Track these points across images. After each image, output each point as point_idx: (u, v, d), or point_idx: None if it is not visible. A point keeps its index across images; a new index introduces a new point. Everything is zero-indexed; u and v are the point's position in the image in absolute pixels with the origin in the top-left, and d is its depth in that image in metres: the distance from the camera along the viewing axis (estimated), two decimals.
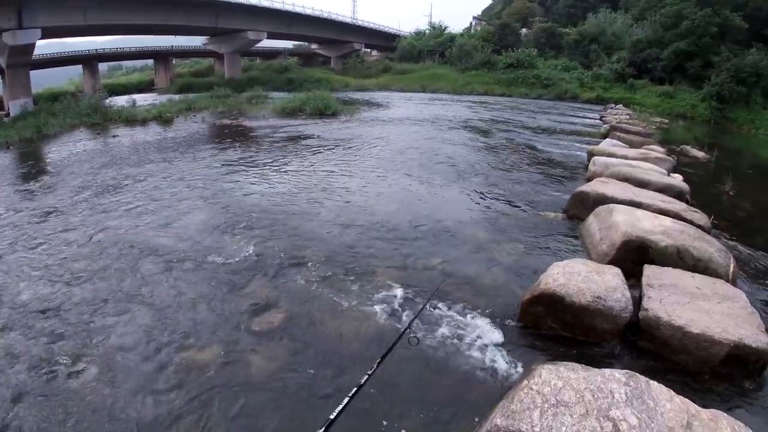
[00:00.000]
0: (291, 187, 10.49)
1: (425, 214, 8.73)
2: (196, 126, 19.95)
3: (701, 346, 4.36)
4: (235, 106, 24.53)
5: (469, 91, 43.44)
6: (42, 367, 4.59)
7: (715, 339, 4.31)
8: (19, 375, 4.45)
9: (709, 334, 4.35)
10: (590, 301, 4.70)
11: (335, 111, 23.43)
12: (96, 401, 4.08)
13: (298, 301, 5.67)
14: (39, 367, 4.59)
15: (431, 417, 3.86)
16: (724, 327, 4.41)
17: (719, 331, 4.36)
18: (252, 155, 14.08)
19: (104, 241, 7.61)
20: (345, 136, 17.43)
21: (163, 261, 6.83)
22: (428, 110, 27.10)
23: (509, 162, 13.85)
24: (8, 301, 5.79)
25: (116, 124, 19.67)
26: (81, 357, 4.73)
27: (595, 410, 3.01)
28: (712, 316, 4.58)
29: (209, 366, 4.53)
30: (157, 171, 12.05)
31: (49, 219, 8.70)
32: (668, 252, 5.92)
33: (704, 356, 4.37)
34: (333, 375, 4.39)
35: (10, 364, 4.62)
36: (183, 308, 5.56)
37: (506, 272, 6.50)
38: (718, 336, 4.31)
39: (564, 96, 42.54)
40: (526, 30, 61.06)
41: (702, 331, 4.38)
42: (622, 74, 44.68)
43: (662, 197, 8.24)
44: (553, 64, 50.39)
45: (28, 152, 15.26)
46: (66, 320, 5.38)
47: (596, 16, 56.11)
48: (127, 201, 9.57)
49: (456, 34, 61.75)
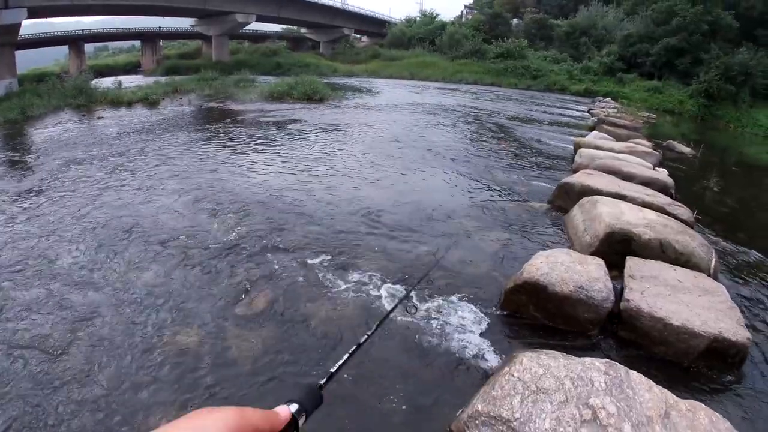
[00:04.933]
0: (277, 171, 10.43)
1: (411, 201, 8.72)
2: (182, 108, 19.75)
3: (681, 338, 4.40)
4: (222, 90, 24.30)
5: (459, 79, 43.31)
6: (17, 347, 4.55)
7: (695, 331, 4.35)
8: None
9: (690, 326, 4.38)
10: (572, 291, 4.72)
11: (323, 96, 23.33)
12: (75, 391, 4.06)
13: (281, 285, 5.66)
14: (12, 345, 4.56)
15: (413, 401, 3.87)
16: (704, 320, 4.45)
17: (699, 323, 4.40)
18: (238, 139, 13.98)
19: (84, 221, 7.54)
20: (332, 122, 17.36)
21: (143, 241, 6.78)
22: (417, 98, 27.04)
23: (496, 151, 13.85)
24: None
25: (102, 106, 19.37)
26: (59, 336, 4.71)
27: (575, 398, 3.04)
28: (693, 309, 4.62)
29: (194, 348, 4.53)
30: (141, 154, 11.93)
31: (30, 199, 8.61)
32: (651, 245, 5.95)
33: (684, 348, 4.41)
34: (314, 357, 4.40)
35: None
36: (163, 291, 5.52)
37: (490, 260, 6.52)
38: (698, 328, 4.35)
39: (553, 87, 42.65)
40: (517, 20, 61.00)
41: (682, 324, 4.41)
42: (611, 68, 44.84)
43: (647, 191, 8.28)
44: (543, 55, 50.46)
45: (13, 133, 15.01)
46: (37, 297, 5.36)
47: (588, 9, 56.14)
48: (109, 183, 9.48)
49: (447, 22, 61.49)
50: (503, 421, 2.99)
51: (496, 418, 3.03)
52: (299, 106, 21.24)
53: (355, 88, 30.27)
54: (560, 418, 2.91)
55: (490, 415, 3.07)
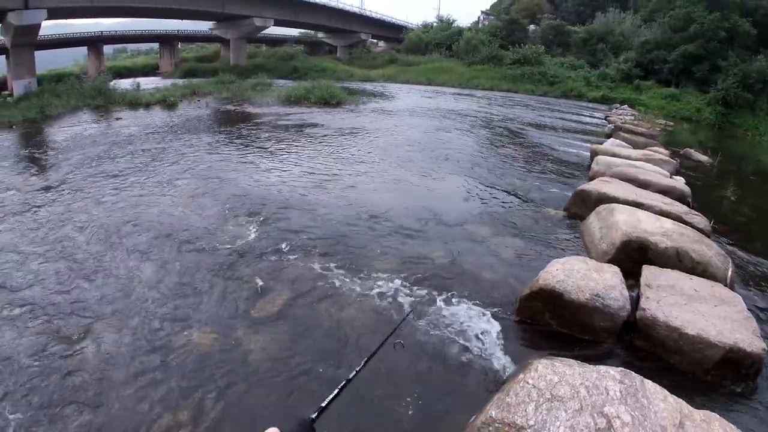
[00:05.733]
0: (294, 174, 10.50)
1: (427, 205, 8.74)
2: (199, 111, 19.90)
3: (697, 347, 4.38)
4: (239, 93, 24.43)
5: (475, 85, 43.12)
6: (38, 346, 4.63)
7: (710, 341, 4.33)
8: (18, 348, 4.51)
9: (705, 336, 4.37)
10: (588, 299, 4.72)
11: (340, 101, 23.36)
12: (87, 386, 4.13)
13: (296, 286, 5.71)
14: (37, 346, 4.64)
15: (425, 406, 3.89)
16: (720, 330, 4.43)
17: (715, 333, 4.38)
18: (256, 142, 14.08)
19: (101, 218, 7.68)
20: (349, 126, 17.40)
21: (159, 238, 6.89)
22: (433, 103, 27.03)
23: (512, 157, 13.83)
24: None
25: (120, 107, 19.55)
26: (78, 333, 4.79)
27: (590, 406, 3.04)
28: (709, 319, 4.60)
29: (209, 348, 4.58)
30: (159, 154, 12.07)
31: (48, 196, 8.74)
32: (668, 254, 5.93)
33: (699, 358, 4.39)
34: (330, 359, 4.43)
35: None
36: (178, 289, 5.61)
37: (506, 266, 6.52)
38: (713, 339, 4.34)
39: (570, 94, 42.32)
40: (534, 26, 60.72)
41: (698, 333, 4.40)
42: (628, 75, 44.40)
43: (664, 199, 8.24)
44: (560, 61, 50.02)
45: (32, 133, 15.19)
46: (57, 292, 5.45)
47: (605, 16, 55.79)
48: (127, 181, 9.62)
49: (463, 28, 61.30)
50: (517, 428, 3.00)
51: (510, 425, 3.04)
52: (316, 110, 21.32)
53: (371, 92, 30.30)
54: (574, 426, 2.91)
55: (504, 421, 3.07)
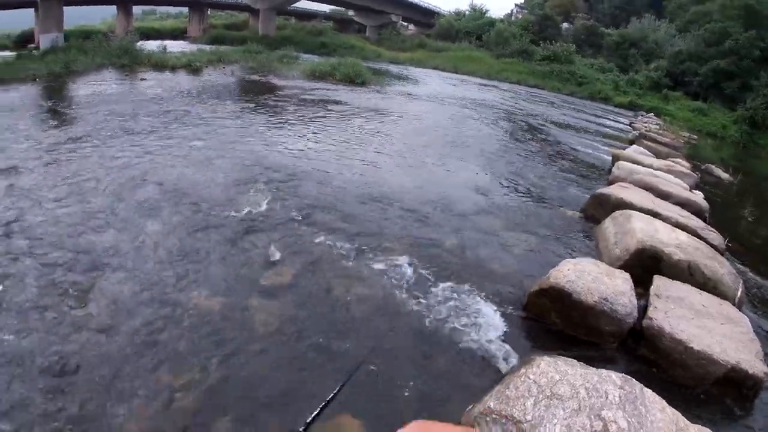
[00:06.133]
0: (313, 148, 10.51)
1: (443, 192, 8.76)
2: (224, 78, 19.85)
3: (700, 363, 4.39)
4: (265, 64, 24.31)
5: (503, 78, 42.65)
6: (44, 294, 4.71)
7: (713, 358, 4.34)
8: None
9: (709, 352, 4.37)
10: (597, 302, 4.72)
11: (365, 80, 23.24)
12: (89, 338, 4.20)
13: (307, 259, 5.77)
14: (42, 294, 4.72)
15: (425, 391, 3.94)
16: (724, 348, 4.43)
17: (719, 351, 4.38)
18: (278, 113, 14.09)
19: (118, 174, 7.76)
20: (372, 106, 17.36)
21: (175, 201, 6.95)
22: (459, 91, 26.88)
23: (533, 153, 13.78)
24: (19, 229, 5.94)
25: (145, 68, 19.47)
26: (85, 283, 4.88)
27: (588, 408, 3.06)
28: (714, 336, 4.60)
29: (216, 313, 4.64)
30: (181, 117, 12.12)
31: (67, 148, 8.84)
32: (680, 266, 5.91)
33: (701, 373, 4.40)
34: (334, 337, 4.47)
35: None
36: (191, 252, 5.66)
37: (516, 261, 6.54)
38: (717, 356, 4.34)
39: (597, 96, 41.78)
40: (567, 24, 60.23)
41: (702, 349, 4.40)
42: (657, 83, 43.88)
43: (681, 211, 8.20)
44: (590, 63, 49.49)
45: (55, 86, 15.20)
46: (68, 238, 5.54)
47: (640, 21, 55.22)
48: (147, 142, 9.67)
49: (496, 19, 60.85)
50: (514, 421, 3.03)
51: (507, 417, 3.07)
52: (341, 87, 21.23)
53: (398, 75, 30.16)
54: (571, 425, 2.93)
55: (501, 413, 3.10)
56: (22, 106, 11.92)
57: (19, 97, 12.93)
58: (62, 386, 3.63)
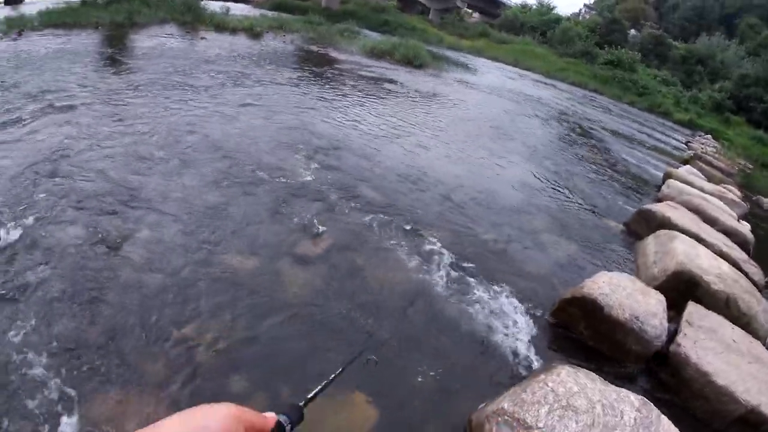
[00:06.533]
0: (364, 125, 10.52)
1: (488, 186, 8.71)
2: (283, 45, 19.85)
3: (721, 399, 4.31)
4: (326, 36, 24.34)
5: (562, 77, 41.68)
6: (83, 236, 4.85)
7: (735, 396, 4.25)
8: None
9: (732, 390, 4.28)
10: (627, 319, 4.65)
11: (423, 63, 22.99)
12: (121, 283, 4.33)
13: (344, 233, 5.82)
14: (81, 235, 4.85)
15: (442, 381, 3.96)
16: (747, 388, 4.34)
17: (742, 390, 4.29)
18: (333, 86, 14.08)
19: (169, 127, 7.90)
20: (428, 90, 17.21)
21: (223, 161, 7.04)
22: (516, 86, 26.48)
23: (583, 159, 13.54)
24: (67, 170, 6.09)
25: (206, 28, 19.58)
26: (124, 228, 5.01)
27: (601, 425, 3.05)
28: (740, 374, 4.50)
29: (248, 273, 4.72)
30: (237, 78, 12.21)
31: (122, 96, 9.03)
32: (717, 296, 5.78)
33: (720, 410, 4.32)
34: (359, 314, 4.51)
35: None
36: (231, 212, 5.76)
37: (551, 265, 6.50)
38: (739, 395, 4.25)
39: (656, 109, 40.51)
40: (634, 31, 58.66)
41: (725, 385, 4.32)
42: (720, 105, 42.27)
43: (726, 240, 8.00)
44: (654, 73, 48.15)
45: (116, 36, 15.37)
46: (113, 182, 5.67)
47: (709, 38, 53.54)
48: (201, 99, 9.80)
49: (562, 16, 59.68)
50: (525, 426, 3.03)
51: (519, 421, 3.07)
52: (398, 67, 21.08)
53: (456, 62, 29.75)
54: None
55: (514, 416, 3.11)
56: (85, 52, 12.11)
57: (82, 43, 13.12)
58: (86, 327, 3.75)
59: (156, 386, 3.36)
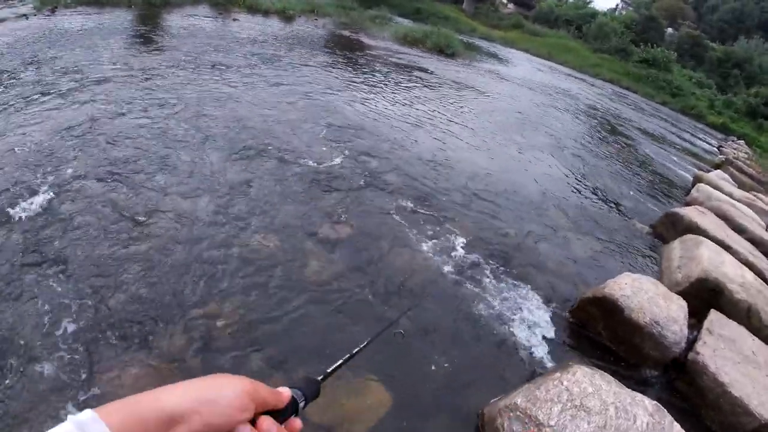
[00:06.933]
0: (392, 112, 10.50)
1: (515, 180, 8.67)
2: (315, 30, 19.81)
3: (735, 410, 4.26)
4: (358, 21, 24.32)
5: (595, 73, 41.04)
6: (107, 210, 4.93)
7: (749, 409, 4.19)
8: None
9: (746, 402, 4.23)
10: (648, 323, 4.62)
11: (455, 52, 22.86)
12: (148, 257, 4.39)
13: (367, 220, 5.85)
14: (106, 209, 4.94)
15: (456, 373, 3.98)
16: (762, 401, 4.28)
17: (757, 403, 4.24)
18: (363, 72, 14.07)
19: (200, 106, 7.99)
20: (459, 80, 17.09)
21: (251, 142, 7.09)
22: (548, 79, 26.18)
23: (611, 157, 13.36)
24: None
25: (239, 9, 19.61)
26: (149, 204, 5.10)
27: (613, 427, 3.05)
28: (756, 387, 4.45)
29: (268, 252, 4.77)
30: (268, 61, 12.25)
31: (154, 74, 9.16)
32: (739, 306, 5.70)
33: (733, 422, 4.27)
34: (378, 300, 4.55)
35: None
36: (254, 192, 5.82)
37: (574, 263, 6.46)
38: (754, 408, 4.19)
39: (689, 111, 39.74)
40: (671, 30, 57.54)
41: (741, 396, 4.26)
42: (755, 110, 41.21)
43: (753, 249, 7.87)
44: (689, 74, 47.24)
45: (149, 15, 15.45)
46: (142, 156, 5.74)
47: (748, 42, 52.35)
48: (231, 79, 9.85)
49: (599, 11, 58.57)
50: (537, 423, 3.04)
51: (531, 417, 3.08)
52: (430, 55, 20.97)
53: (488, 52, 29.48)
54: None
55: (526, 412, 3.12)
56: (118, 30, 12.25)
57: (116, 21, 13.24)
58: (108, 299, 3.84)
59: (174, 359, 3.43)
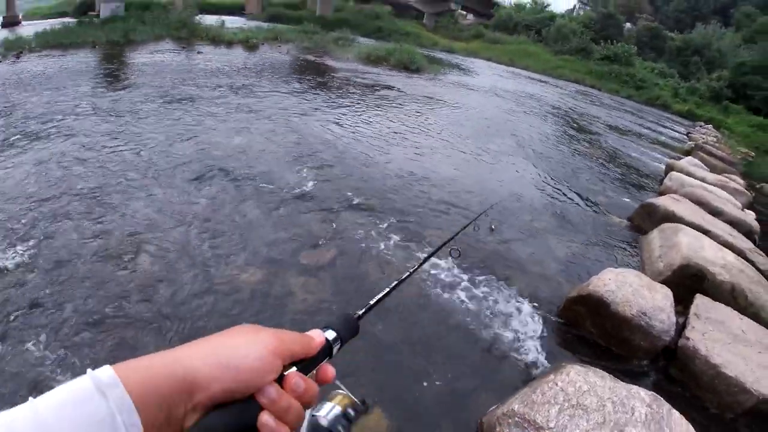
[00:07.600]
0: (362, 132, 10.56)
1: (489, 187, 8.72)
2: (280, 56, 19.95)
3: (731, 390, 4.29)
4: (321, 44, 24.49)
5: (558, 75, 41.47)
6: (89, 254, 4.88)
7: (745, 387, 4.22)
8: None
9: (742, 380, 4.26)
10: (634, 315, 4.65)
11: (419, 67, 23.08)
12: (130, 294, 4.34)
13: (346, 242, 5.83)
14: (88, 254, 4.89)
15: (450, 384, 3.96)
16: (757, 377, 4.31)
17: (752, 380, 4.27)
18: (329, 95, 14.15)
19: (167, 140, 8.02)
20: (425, 94, 17.22)
21: (222, 174, 7.08)
22: (513, 85, 26.46)
23: (582, 155, 13.49)
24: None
25: (202, 42, 19.81)
26: (130, 245, 5.04)
27: (612, 422, 3.04)
28: (749, 364, 4.48)
29: (253, 281, 4.75)
30: (235, 91, 12.31)
31: (119, 110, 9.24)
32: (723, 287, 5.76)
33: (731, 401, 4.30)
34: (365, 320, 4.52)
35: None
36: (234, 224, 5.79)
37: (556, 263, 6.49)
38: (749, 385, 4.22)
39: (654, 102, 40.29)
40: (629, 25, 58.49)
41: (735, 376, 4.29)
42: (718, 94, 41.95)
43: (731, 230, 7.97)
44: (651, 66, 47.92)
45: (113, 54, 15.57)
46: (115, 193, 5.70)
47: (705, 28, 53.41)
48: (198, 112, 9.91)
49: (557, 14, 59.45)
50: (536, 426, 3.03)
51: (530, 422, 3.07)
52: (394, 73, 21.14)
53: (452, 64, 29.79)
54: None
55: (524, 417, 3.11)
56: (84, 70, 12.28)
57: (80, 62, 13.27)
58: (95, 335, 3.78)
59: None
